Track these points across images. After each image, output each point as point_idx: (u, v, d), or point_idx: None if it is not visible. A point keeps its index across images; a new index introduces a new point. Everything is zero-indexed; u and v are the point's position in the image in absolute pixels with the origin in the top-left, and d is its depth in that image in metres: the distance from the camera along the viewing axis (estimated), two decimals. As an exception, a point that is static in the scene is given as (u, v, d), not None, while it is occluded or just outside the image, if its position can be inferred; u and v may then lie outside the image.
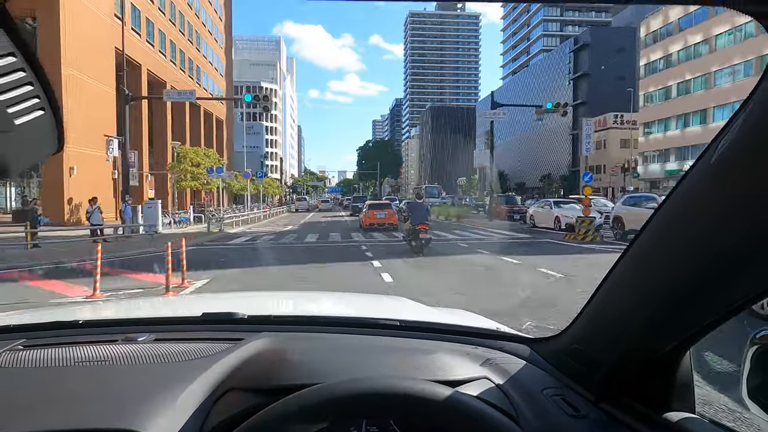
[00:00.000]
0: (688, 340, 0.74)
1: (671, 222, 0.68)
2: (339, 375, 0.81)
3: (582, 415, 0.84)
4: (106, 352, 1.03)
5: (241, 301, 1.96)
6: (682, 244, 0.66)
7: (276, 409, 0.72)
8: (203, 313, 1.30)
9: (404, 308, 1.85)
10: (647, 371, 0.80)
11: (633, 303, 0.79)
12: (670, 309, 0.70)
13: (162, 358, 1.01)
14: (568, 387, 0.93)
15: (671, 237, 0.68)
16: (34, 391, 0.89)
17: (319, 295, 2.55)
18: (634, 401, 0.82)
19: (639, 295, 0.77)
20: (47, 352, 1.02)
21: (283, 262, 11.68)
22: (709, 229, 0.61)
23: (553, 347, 1.05)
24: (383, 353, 1.05)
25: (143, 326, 1.24)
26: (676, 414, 0.77)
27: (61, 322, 1.27)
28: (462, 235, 18.91)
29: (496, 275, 9.84)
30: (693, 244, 0.64)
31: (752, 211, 0.54)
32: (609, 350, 0.85)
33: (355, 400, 0.73)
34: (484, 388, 0.91)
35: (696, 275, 0.64)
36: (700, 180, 0.62)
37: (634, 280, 0.79)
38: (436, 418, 0.73)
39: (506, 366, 1.02)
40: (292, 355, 1.02)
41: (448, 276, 9.72)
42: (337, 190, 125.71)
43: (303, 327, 1.28)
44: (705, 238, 0.62)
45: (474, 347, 1.12)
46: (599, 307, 0.89)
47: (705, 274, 0.63)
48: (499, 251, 13.58)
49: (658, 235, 0.71)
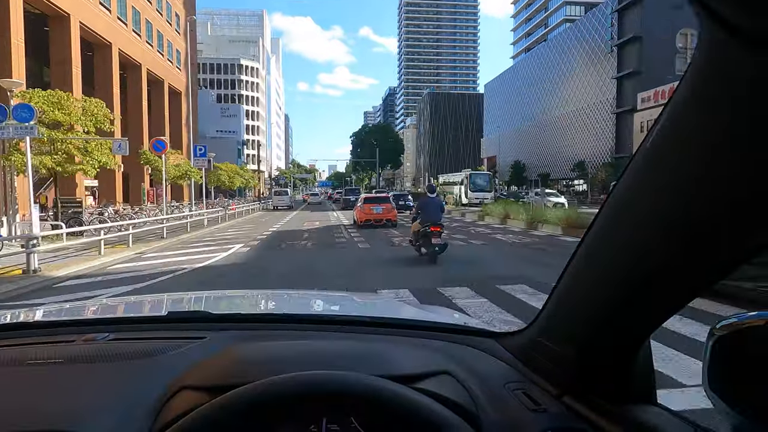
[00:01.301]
0: (646, 330, 0.75)
1: (618, 213, 0.70)
2: (293, 371, 0.80)
3: (543, 408, 0.85)
4: (63, 351, 1.03)
5: (209, 300, 1.99)
6: (629, 236, 0.68)
7: (211, 407, 0.74)
8: (169, 311, 1.30)
9: (375, 305, 1.92)
10: (608, 364, 0.81)
11: (589, 295, 0.80)
12: (625, 300, 0.72)
13: (118, 357, 1.01)
14: (532, 381, 0.95)
15: (619, 228, 0.70)
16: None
17: (291, 294, 2.48)
18: (595, 394, 0.82)
19: (594, 287, 0.78)
20: (1, 353, 1.03)
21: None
22: (655, 218, 0.62)
23: (518, 341, 1.06)
24: (346, 350, 1.06)
25: (107, 326, 1.22)
26: (637, 406, 0.78)
27: (20, 323, 1.26)
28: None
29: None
30: (640, 234, 0.65)
31: (687, 199, 0.56)
32: (570, 344, 0.86)
33: (294, 395, 0.74)
34: (444, 382, 0.91)
35: (646, 266, 0.66)
36: (639, 170, 0.63)
37: (589, 273, 0.80)
38: (380, 411, 0.74)
39: (470, 360, 1.03)
40: (253, 353, 1.02)
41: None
42: (327, 183, 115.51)
43: (269, 325, 1.28)
44: (651, 227, 0.63)
45: (439, 342, 1.13)
46: (559, 301, 0.90)
47: (655, 264, 0.64)
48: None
49: (608, 226, 0.73)
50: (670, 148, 0.57)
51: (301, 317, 1.39)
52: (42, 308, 1.77)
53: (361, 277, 9.00)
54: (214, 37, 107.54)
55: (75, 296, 7.49)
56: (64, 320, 1.38)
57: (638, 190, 0.64)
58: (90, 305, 2.13)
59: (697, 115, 0.52)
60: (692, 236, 0.58)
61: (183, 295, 2.68)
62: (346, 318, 1.36)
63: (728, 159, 0.50)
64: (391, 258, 11.41)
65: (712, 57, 0.49)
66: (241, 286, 8.27)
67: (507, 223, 20.53)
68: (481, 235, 16.62)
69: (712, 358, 0.63)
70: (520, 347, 1.04)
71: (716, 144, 0.51)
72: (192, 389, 0.87)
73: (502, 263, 10.45)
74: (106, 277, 9.52)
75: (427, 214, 10.44)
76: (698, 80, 0.51)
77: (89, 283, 9.03)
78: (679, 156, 0.56)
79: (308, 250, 13.59)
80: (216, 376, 0.90)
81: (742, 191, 0.50)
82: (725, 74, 0.48)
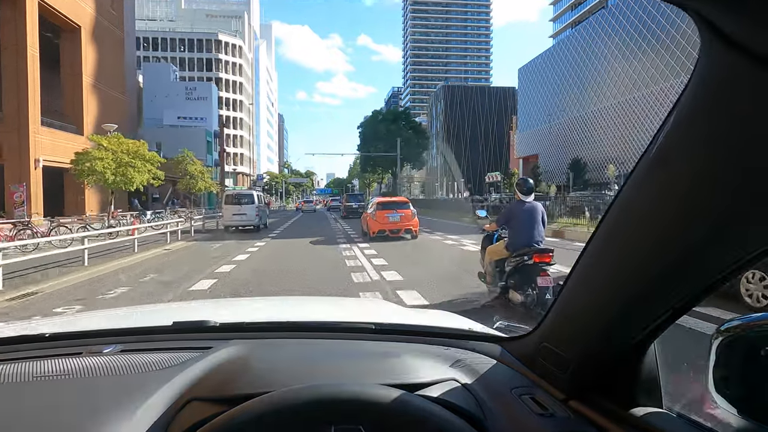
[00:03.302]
0: (652, 333, 0.75)
1: (623, 218, 0.70)
2: (303, 381, 0.81)
3: (550, 413, 0.85)
4: (69, 365, 1.02)
5: (214, 308, 1.96)
6: (635, 239, 0.68)
7: (225, 419, 0.75)
8: (174, 322, 1.29)
9: (380, 311, 1.88)
10: (614, 367, 0.81)
11: (594, 299, 0.80)
12: (631, 304, 0.72)
13: (125, 369, 1.00)
14: (538, 386, 0.94)
15: (624, 233, 0.70)
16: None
17: (296, 300, 2.41)
18: (602, 398, 0.83)
19: (599, 290, 0.78)
20: (8, 368, 1.01)
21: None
22: (661, 222, 0.63)
23: (523, 346, 1.05)
24: (352, 357, 1.07)
25: (112, 337, 1.22)
26: (643, 409, 0.78)
27: (25, 336, 1.24)
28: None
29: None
30: (646, 238, 0.66)
31: (694, 203, 0.57)
32: (575, 348, 0.86)
33: (302, 407, 0.75)
34: (451, 389, 0.92)
35: (651, 269, 0.66)
36: (645, 175, 0.64)
37: (594, 277, 0.80)
38: (388, 421, 0.75)
39: (476, 366, 1.03)
40: (260, 362, 1.02)
41: None
42: (326, 191, 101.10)
43: (275, 333, 1.28)
44: (657, 231, 0.64)
45: (445, 348, 1.13)
46: (564, 305, 0.90)
47: (660, 268, 0.65)
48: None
49: (613, 230, 0.73)
50: (675, 154, 0.58)
51: (306, 325, 1.40)
52: (47, 320, 1.72)
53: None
54: (188, 11, 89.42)
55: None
56: (70, 332, 1.34)
57: (643, 195, 0.65)
58: (94, 316, 2.10)
59: (701, 123, 0.53)
60: (697, 240, 0.58)
61: (187, 305, 2.92)
62: (352, 325, 1.35)
63: (732, 165, 0.51)
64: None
65: (713, 68, 0.50)
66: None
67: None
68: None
69: (717, 360, 0.63)
70: (525, 352, 1.03)
71: (719, 151, 0.52)
72: (200, 401, 0.87)
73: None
74: None
75: (520, 232, 5.66)
76: (700, 89, 0.52)
77: None
78: (684, 162, 0.57)
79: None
80: (224, 388, 0.90)
81: (745, 197, 0.51)
82: (726, 84, 0.49)
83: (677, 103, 0.56)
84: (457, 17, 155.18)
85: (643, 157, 0.63)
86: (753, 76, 0.46)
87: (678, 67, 47.81)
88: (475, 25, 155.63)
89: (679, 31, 47.31)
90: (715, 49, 0.48)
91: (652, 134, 0.57)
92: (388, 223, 15.70)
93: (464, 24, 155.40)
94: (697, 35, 0.48)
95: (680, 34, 47.15)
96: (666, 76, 49.22)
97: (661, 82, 49.88)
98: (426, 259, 12.11)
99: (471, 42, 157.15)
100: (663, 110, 47.45)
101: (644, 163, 0.63)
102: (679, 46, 47.62)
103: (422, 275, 9.02)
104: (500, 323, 1.31)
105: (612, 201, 0.71)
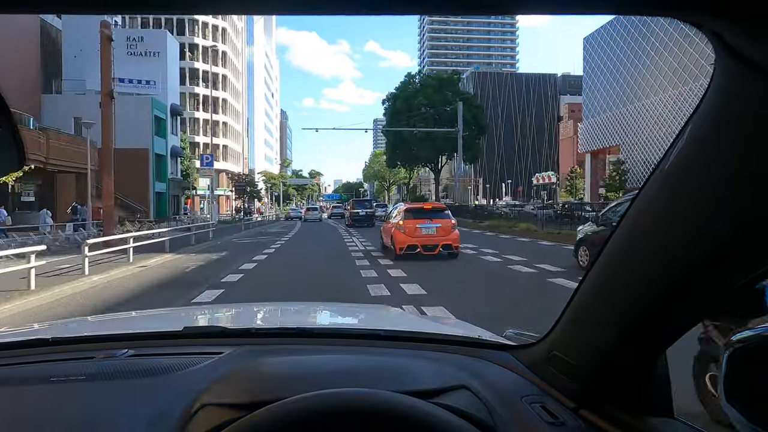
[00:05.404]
0: (663, 342, 0.75)
1: (638, 227, 0.71)
2: (314, 388, 0.80)
3: (560, 422, 0.84)
4: (83, 368, 1.03)
5: (224, 314, 1.97)
6: (649, 249, 0.68)
7: (241, 425, 0.74)
8: (184, 327, 1.30)
9: (390, 318, 1.88)
10: (625, 376, 0.80)
11: (605, 308, 0.80)
12: (642, 313, 0.72)
13: (137, 374, 1.01)
14: (548, 394, 0.94)
15: (639, 241, 0.71)
16: (1, 409, 0.90)
17: (305, 306, 2.40)
18: (613, 407, 0.82)
19: (611, 299, 0.79)
20: (23, 370, 1.03)
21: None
22: (674, 233, 0.63)
23: (533, 354, 1.06)
24: (362, 364, 1.06)
25: (124, 342, 1.23)
26: (654, 419, 0.77)
27: (41, 339, 1.26)
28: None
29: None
30: (660, 248, 0.66)
31: (709, 214, 0.58)
32: (586, 356, 0.86)
33: (315, 415, 0.74)
34: (461, 397, 0.91)
35: (663, 279, 0.67)
36: (660, 186, 0.65)
37: (606, 286, 0.80)
38: (400, 427, 0.74)
39: (486, 374, 1.03)
40: (272, 368, 1.02)
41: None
42: (335, 197, 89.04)
43: (285, 339, 1.28)
44: (671, 241, 0.64)
45: (456, 356, 1.14)
46: (575, 313, 0.90)
47: (673, 277, 0.65)
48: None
49: (628, 239, 0.73)
50: (689, 167, 0.58)
51: (317, 331, 1.40)
52: (59, 323, 1.74)
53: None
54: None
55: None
56: (83, 336, 1.34)
57: (656, 206, 0.65)
58: (105, 321, 2.10)
59: (715, 138, 0.54)
60: (712, 250, 0.59)
61: (197, 310, 2.94)
62: (363, 331, 1.36)
63: (746, 179, 0.52)
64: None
65: (729, 86, 0.51)
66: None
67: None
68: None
69: (729, 370, 0.62)
70: (535, 360, 1.03)
71: (734, 167, 0.53)
72: (214, 406, 0.87)
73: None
74: None
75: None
76: (716, 102, 0.53)
77: None
78: (698, 176, 0.57)
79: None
80: (236, 393, 0.90)
81: (761, 208, 0.52)
82: (742, 102, 0.50)
83: (691, 118, 0.57)
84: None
85: (656, 169, 0.64)
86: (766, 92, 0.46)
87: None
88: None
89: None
90: (730, 68, 0.48)
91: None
92: (421, 236, 12.07)
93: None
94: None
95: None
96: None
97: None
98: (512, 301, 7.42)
99: (494, 24, 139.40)
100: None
101: (657, 175, 0.64)
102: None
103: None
104: (510, 331, 1.29)
105: (625, 211, 0.71)
